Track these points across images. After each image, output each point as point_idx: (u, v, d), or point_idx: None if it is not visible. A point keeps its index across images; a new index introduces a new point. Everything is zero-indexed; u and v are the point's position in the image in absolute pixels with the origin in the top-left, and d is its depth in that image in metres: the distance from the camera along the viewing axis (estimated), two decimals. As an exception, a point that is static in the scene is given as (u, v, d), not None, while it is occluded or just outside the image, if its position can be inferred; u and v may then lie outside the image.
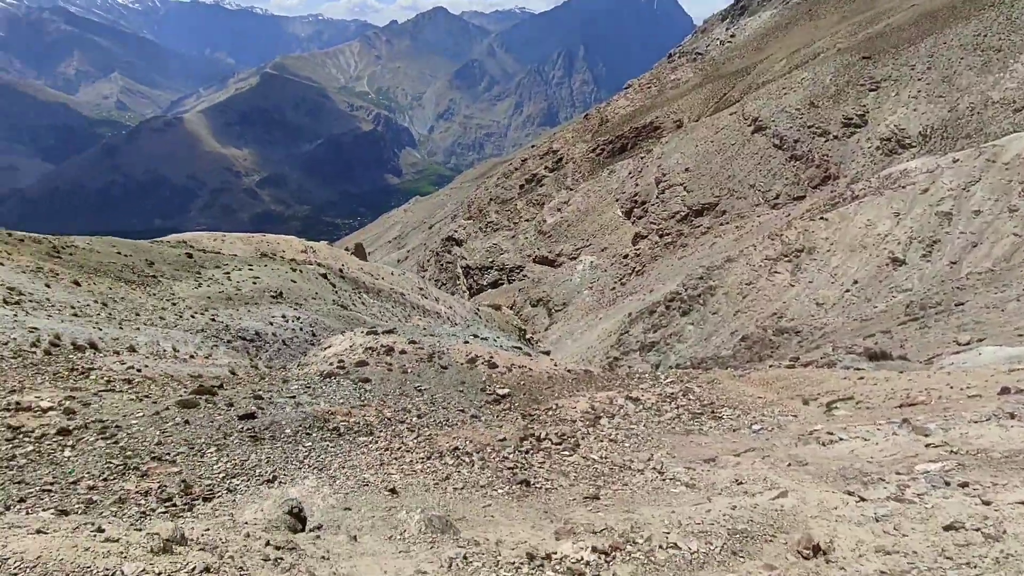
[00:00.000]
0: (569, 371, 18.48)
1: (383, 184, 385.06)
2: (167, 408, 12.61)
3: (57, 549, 2.85)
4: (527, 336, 53.27)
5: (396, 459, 10.45)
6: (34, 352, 17.34)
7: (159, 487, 8.98)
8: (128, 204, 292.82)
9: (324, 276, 41.40)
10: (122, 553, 2.89)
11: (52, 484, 9.07)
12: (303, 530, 5.16)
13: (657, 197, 61.86)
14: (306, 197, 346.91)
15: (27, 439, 10.67)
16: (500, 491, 8.45)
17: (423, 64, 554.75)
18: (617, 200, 68.17)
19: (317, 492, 8.53)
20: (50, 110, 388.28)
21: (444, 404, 14.53)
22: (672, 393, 14.06)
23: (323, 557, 3.84)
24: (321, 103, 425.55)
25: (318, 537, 4.79)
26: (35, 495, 8.60)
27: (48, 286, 24.75)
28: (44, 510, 7.25)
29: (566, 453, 10.38)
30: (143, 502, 8.52)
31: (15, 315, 20.19)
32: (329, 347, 22.09)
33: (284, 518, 5.23)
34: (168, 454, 10.43)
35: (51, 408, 12.20)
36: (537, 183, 79.51)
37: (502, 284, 70.89)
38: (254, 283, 34.50)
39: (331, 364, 18.69)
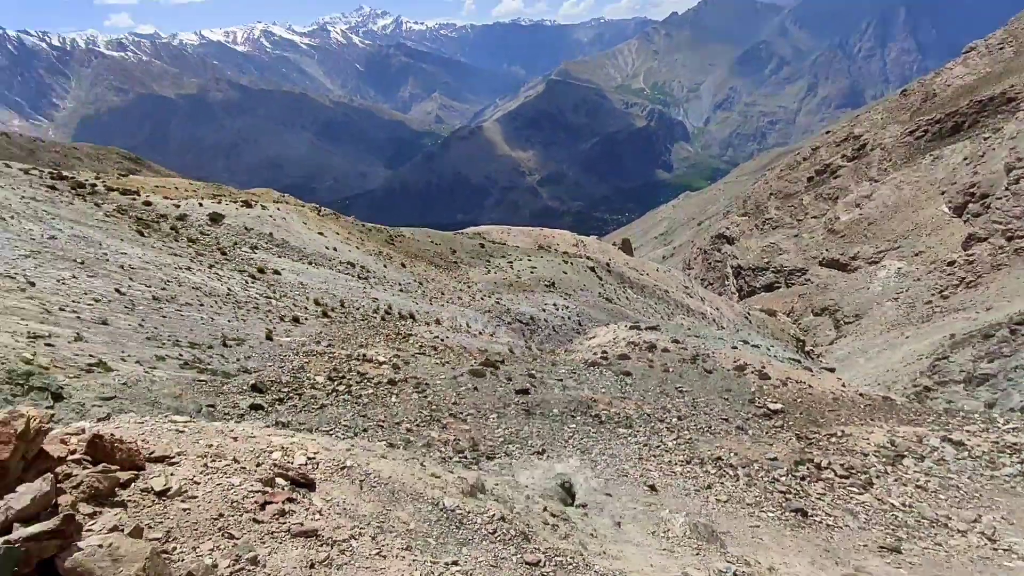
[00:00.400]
0: (861, 395, 15.81)
1: (653, 179, 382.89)
2: (462, 375, 14.89)
3: (400, 473, 3.71)
4: (806, 348, 47.11)
5: (655, 456, 10.44)
6: (375, 317, 22.28)
7: (455, 439, 10.69)
8: (440, 201, 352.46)
9: (592, 269, 43.31)
10: (443, 488, 3.61)
11: (383, 422, 11.58)
12: (571, 504, 5.60)
13: (1006, 189, 47.83)
14: (580, 193, 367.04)
15: (369, 384, 13.80)
16: (770, 514, 7.75)
17: (702, 53, 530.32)
18: (943, 193, 54.99)
19: (580, 472, 9.08)
20: (391, 127, 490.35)
21: (706, 409, 13.92)
22: (1015, 444, 10.91)
23: (591, 534, 4.12)
24: (598, 103, 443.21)
25: (585, 514, 5.14)
26: (372, 428, 11.10)
27: (385, 267, 31.43)
28: (379, 441, 9.26)
29: (854, 490, 8.96)
30: (443, 450, 10.26)
31: (363, 287, 26.25)
32: (594, 337, 23.08)
33: (557, 490, 5.74)
34: (461, 413, 12.35)
35: (385, 362, 15.52)
36: (830, 174, 69.10)
37: (778, 288, 63.89)
38: (531, 272, 38.07)
39: (595, 354, 19.52)
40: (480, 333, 24.05)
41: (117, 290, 16.56)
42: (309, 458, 3.62)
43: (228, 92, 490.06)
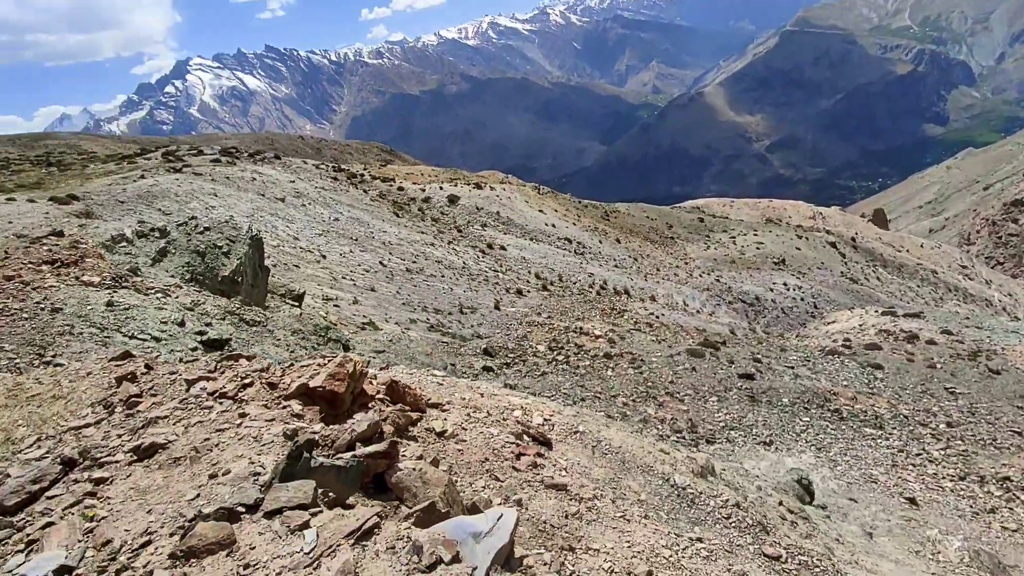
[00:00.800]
0: None
1: (918, 136, 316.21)
2: (679, 353, 14.49)
3: (631, 445, 3.84)
4: None
5: (914, 466, 8.93)
6: (590, 291, 22.83)
7: (671, 419, 10.52)
8: (656, 174, 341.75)
9: (832, 245, 37.92)
10: (672, 465, 3.63)
11: (600, 394, 11.92)
12: (809, 503, 5.13)
13: None
14: (819, 159, 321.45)
15: (586, 356, 14.29)
16: (1088, 558, 6.07)
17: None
18: None
19: (816, 470, 8.22)
20: (606, 102, 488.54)
21: (989, 418, 11.40)
22: None
23: (836, 539, 3.73)
24: (846, 52, 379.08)
25: (827, 517, 4.67)
26: (590, 398, 11.50)
27: (600, 242, 31.83)
28: (598, 411, 9.57)
29: None
30: (659, 427, 10.18)
31: (580, 263, 27.01)
32: (833, 322, 20.37)
33: (792, 485, 5.31)
34: (678, 393, 12.06)
35: (600, 336, 15.87)
36: None
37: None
38: (757, 248, 34.87)
39: (835, 341, 17.25)
40: (698, 312, 23.00)
41: (381, 263, 19.76)
42: (545, 419, 3.95)
43: (461, 84, 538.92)
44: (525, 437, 3.08)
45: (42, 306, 6.60)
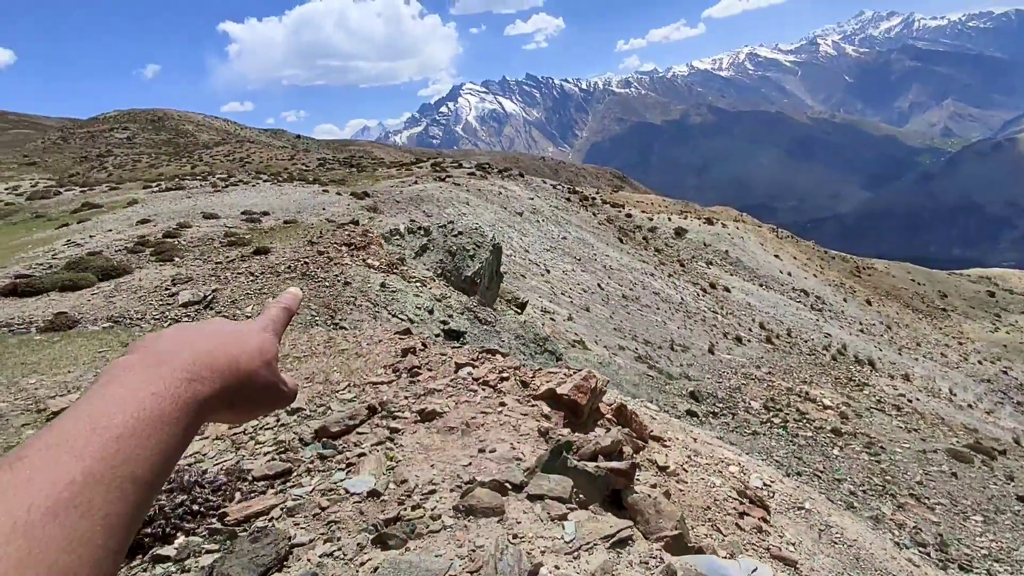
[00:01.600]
0: None
1: None
2: (935, 451, 11.98)
3: (868, 542, 3.32)
4: None
5: None
6: (824, 354, 20.14)
7: (913, 527, 8.74)
8: (931, 231, 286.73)
9: None
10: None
11: (821, 473, 10.46)
12: None
13: None
14: None
15: (808, 426, 12.67)
16: None
17: None
18: None
19: None
20: (877, 143, 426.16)
21: None
22: None
23: None
24: None
25: None
26: (808, 475, 10.16)
27: (845, 300, 27.88)
28: (819, 492, 8.42)
29: None
30: (895, 532, 8.54)
31: (816, 320, 23.99)
32: None
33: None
34: (927, 498, 9.96)
35: (830, 407, 13.93)
36: None
37: None
38: (1074, 343, 26.90)
39: None
40: (970, 406, 18.71)
41: (599, 285, 20.19)
42: (765, 484, 3.65)
43: (706, 115, 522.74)
44: (745, 497, 2.89)
45: (338, 278, 8.23)
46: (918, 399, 17.66)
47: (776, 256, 32.72)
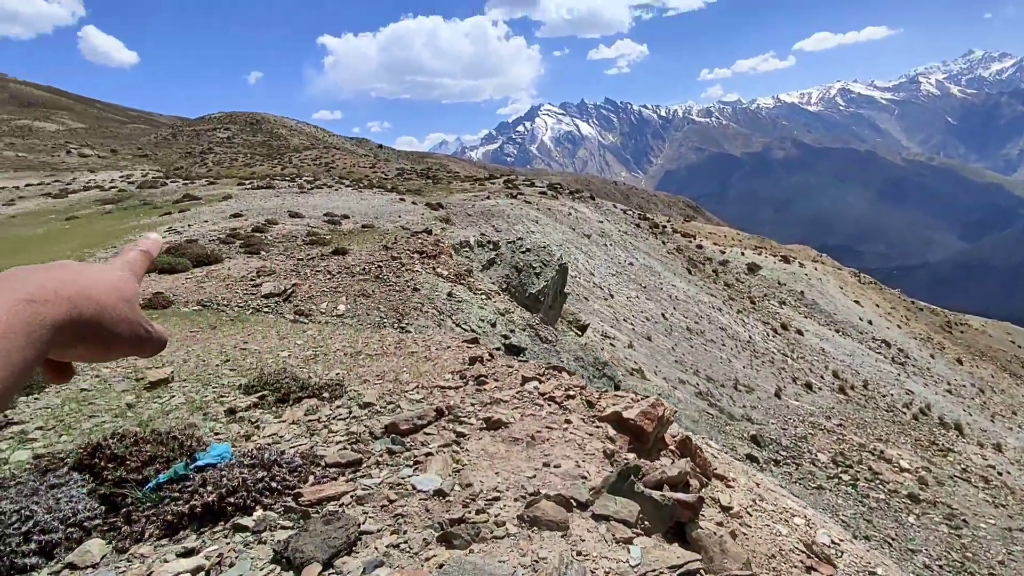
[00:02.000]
0: None
1: None
2: (1022, 530, 10.86)
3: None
4: None
5: None
6: (903, 412, 18.73)
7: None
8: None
9: None
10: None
11: (892, 540, 9.70)
12: None
13: None
14: None
15: (881, 487, 11.79)
16: None
17: None
18: None
19: None
20: (980, 190, 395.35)
21: None
22: None
23: None
24: None
25: None
26: (878, 540, 9.45)
27: (932, 357, 25.87)
28: (891, 560, 7.83)
29: None
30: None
31: (897, 374, 22.38)
32: None
33: None
34: (1015, 584, 9.04)
35: (907, 470, 12.92)
36: None
37: None
38: None
39: None
40: (1072, 488, 16.82)
41: (663, 315, 19.75)
42: (834, 542, 3.44)
43: (790, 150, 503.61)
44: (812, 552, 2.74)
45: (408, 284, 8.50)
46: (1009, 472, 16.08)
47: (856, 302, 30.88)
